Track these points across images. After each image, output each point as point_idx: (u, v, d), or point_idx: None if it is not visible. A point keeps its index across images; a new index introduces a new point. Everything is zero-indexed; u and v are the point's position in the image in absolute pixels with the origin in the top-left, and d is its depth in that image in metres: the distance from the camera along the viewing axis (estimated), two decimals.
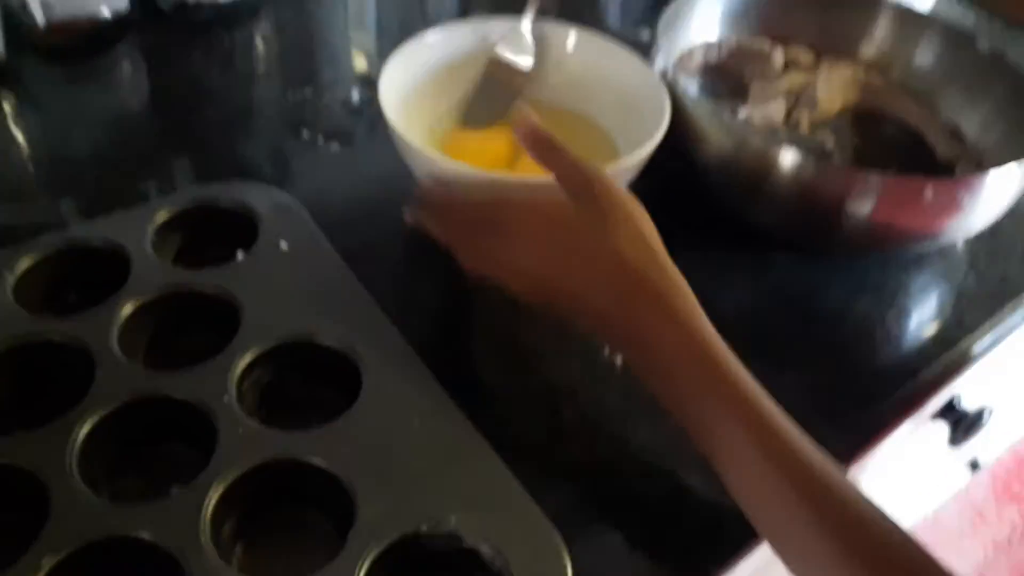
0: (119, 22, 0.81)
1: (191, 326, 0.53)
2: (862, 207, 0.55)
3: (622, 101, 0.63)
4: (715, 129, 0.58)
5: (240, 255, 0.55)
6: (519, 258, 0.46)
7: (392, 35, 0.86)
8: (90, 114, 0.72)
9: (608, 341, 0.51)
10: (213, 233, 0.58)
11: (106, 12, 0.80)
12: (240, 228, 0.57)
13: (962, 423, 0.70)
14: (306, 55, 0.82)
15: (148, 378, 0.48)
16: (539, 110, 0.52)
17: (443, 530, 0.42)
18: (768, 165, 0.56)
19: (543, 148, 0.48)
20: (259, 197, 0.59)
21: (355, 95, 0.77)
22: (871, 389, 0.55)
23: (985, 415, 0.72)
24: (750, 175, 0.57)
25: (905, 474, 0.83)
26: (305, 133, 0.71)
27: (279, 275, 0.54)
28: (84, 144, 0.68)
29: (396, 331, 0.51)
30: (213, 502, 0.42)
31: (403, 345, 0.50)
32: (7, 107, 0.72)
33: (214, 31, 0.83)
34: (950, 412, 0.68)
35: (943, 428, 0.71)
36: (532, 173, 0.51)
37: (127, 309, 0.50)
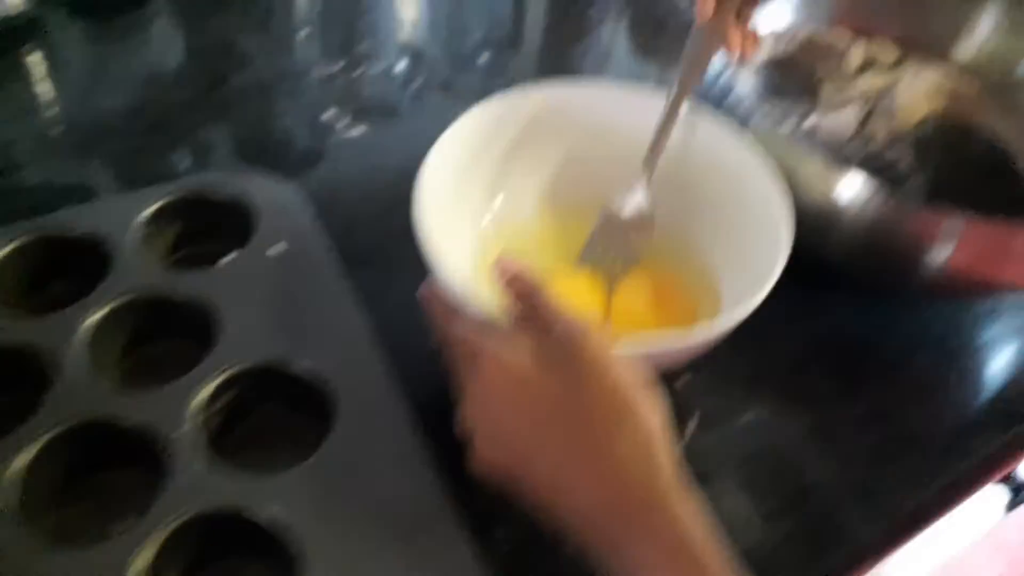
0: None
1: (170, 331, 0.49)
2: (938, 252, 0.48)
3: (735, 225, 0.51)
4: (772, 145, 0.51)
5: (230, 257, 0.51)
6: (483, 431, 0.38)
7: (442, 7, 0.81)
8: (114, 76, 0.69)
9: (581, 544, 0.37)
10: (210, 225, 0.54)
11: None
12: (238, 223, 0.53)
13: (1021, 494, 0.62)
14: (346, 22, 0.77)
15: (106, 398, 0.44)
16: None
17: None
18: (828, 194, 0.49)
19: (526, 288, 0.39)
20: (261, 190, 0.54)
21: (393, 69, 0.71)
22: (923, 467, 0.48)
23: None
24: (808, 204, 0.50)
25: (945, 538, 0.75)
26: (331, 113, 0.67)
27: (268, 283, 0.49)
28: (104, 109, 0.65)
29: (383, 365, 0.46)
30: (153, 550, 0.38)
31: (386, 382, 0.45)
32: (29, 63, 0.69)
33: None
34: (1009, 479, 0.61)
35: (1002, 493, 0.63)
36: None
37: (97, 316, 0.47)
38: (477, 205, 0.53)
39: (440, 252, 0.43)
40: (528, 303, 0.39)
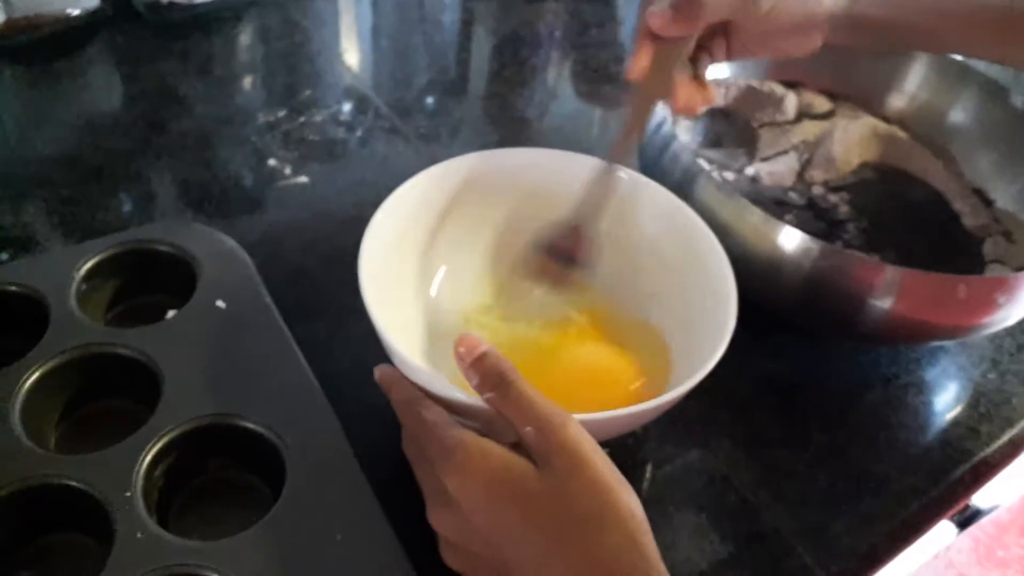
0: (89, 21, 0.76)
1: (111, 390, 0.48)
2: (878, 300, 0.49)
3: (676, 286, 0.50)
4: (712, 196, 0.52)
5: (170, 314, 0.49)
6: (455, 530, 0.37)
7: (387, 53, 0.81)
8: (51, 123, 0.67)
9: None
10: (150, 279, 0.53)
11: (75, 9, 0.75)
12: (179, 276, 0.52)
13: (971, 521, 0.64)
14: (289, 67, 0.76)
15: (47, 461, 0.42)
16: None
17: None
18: (769, 246, 0.50)
19: (496, 382, 0.37)
20: (201, 242, 0.53)
21: (339, 115, 0.71)
22: (874, 508, 0.49)
23: (996, 510, 0.65)
24: (751, 255, 0.50)
25: None
26: (275, 159, 0.66)
27: (211, 339, 0.48)
28: (40, 157, 0.64)
29: (334, 418, 0.45)
30: None
31: (338, 437, 0.44)
32: None
33: (192, 35, 0.77)
34: (959, 513, 0.62)
35: (949, 528, 0.65)
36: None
37: (35, 375, 0.45)
38: (422, 270, 0.52)
39: (390, 326, 0.42)
40: (498, 390, 0.37)
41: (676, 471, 0.50)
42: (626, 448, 0.50)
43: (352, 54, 0.81)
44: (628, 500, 0.35)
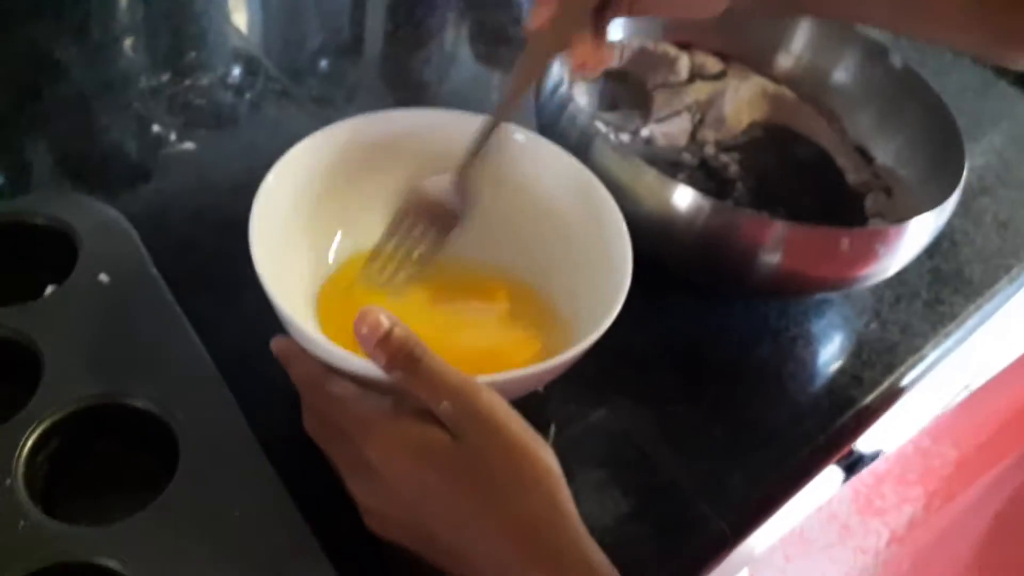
0: None
1: None
2: (765, 256, 0.50)
3: (572, 249, 0.51)
4: (608, 158, 0.52)
5: (49, 289, 0.47)
6: (379, 499, 0.37)
7: (278, 14, 0.78)
8: None
9: None
10: (27, 256, 0.50)
11: None
12: (58, 251, 0.49)
13: (856, 466, 0.67)
14: (173, 28, 0.73)
15: None
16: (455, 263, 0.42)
17: None
18: (662, 205, 0.50)
19: (404, 362, 0.37)
20: (81, 214, 0.50)
21: (227, 78, 0.68)
22: (766, 457, 0.51)
23: (880, 455, 0.69)
24: (644, 214, 0.51)
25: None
26: (160, 126, 0.63)
27: (94, 315, 0.46)
28: None
29: (228, 394, 0.44)
30: None
31: (233, 413, 0.43)
32: None
33: None
34: (844, 459, 0.65)
35: (836, 472, 0.68)
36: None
37: None
38: (318, 236, 0.51)
39: (286, 297, 0.41)
40: (407, 368, 0.37)
41: (578, 430, 0.51)
42: (529, 408, 0.50)
43: (240, 14, 0.78)
44: (544, 457, 0.37)
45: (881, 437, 0.66)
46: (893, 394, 0.56)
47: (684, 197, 0.50)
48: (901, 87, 0.64)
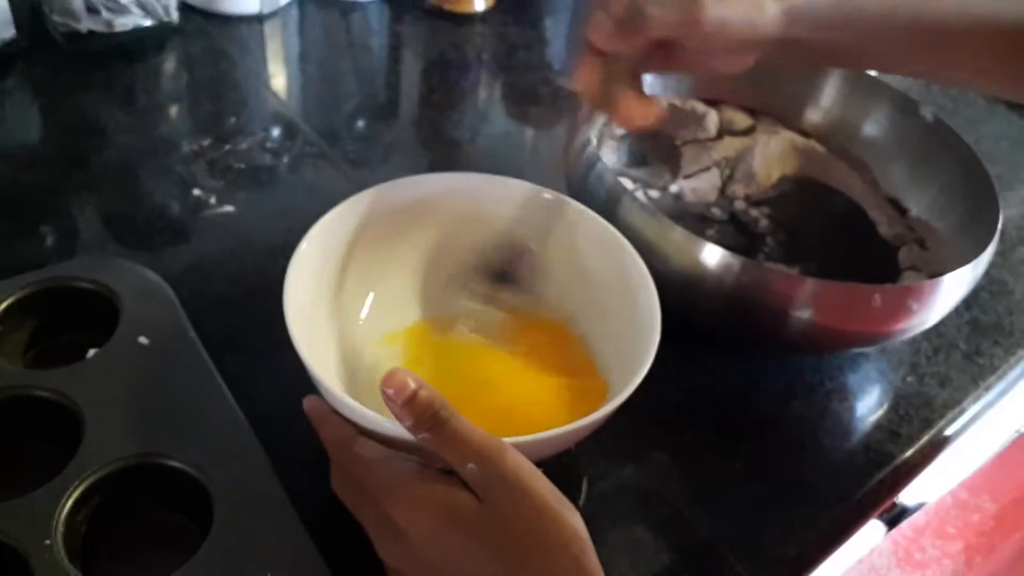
0: (4, 52, 0.74)
1: (30, 433, 0.46)
2: (796, 313, 0.50)
3: (602, 307, 0.51)
4: (635, 216, 0.52)
5: (91, 352, 0.48)
6: (405, 562, 0.37)
7: (315, 79, 0.80)
8: None
9: None
10: (70, 318, 0.52)
11: None
12: (99, 313, 0.51)
13: (898, 519, 0.66)
14: (214, 95, 0.75)
15: None
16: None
17: None
18: (690, 262, 0.51)
19: (430, 423, 0.37)
20: (123, 278, 0.52)
21: (266, 142, 0.70)
22: (803, 514, 0.50)
23: (922, 507, 0.67)
24: (673, 272, 0.51)
25: None
26: (201, 189, 0.65)
27: (133, 378, 0.47)
28: None
29: (262, 454, 0.45)
30: None
31: (266, 473, 0.44)
32: None
33: (114, 65, 0.76)
34: (887, 512, 0.64)
35: (878, 525, 0.66)
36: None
37: None
38: (351, 298, 0.52)
39: (318, 360, 0.42)
40: (432, 430, 0.37)
41: (610, 487, 0.50)
42: (560, 467, 0.50)
43: (279, 79, 0.81)
44: (570, 520, 0.36)
45: (924, 489, 0.65)
46: (933, 448, 0.55)
47: (713, 255, 0.50)
48: (933, 139, 0.64)
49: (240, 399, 0.47)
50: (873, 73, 0.67)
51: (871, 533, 0.66)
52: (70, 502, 0.41)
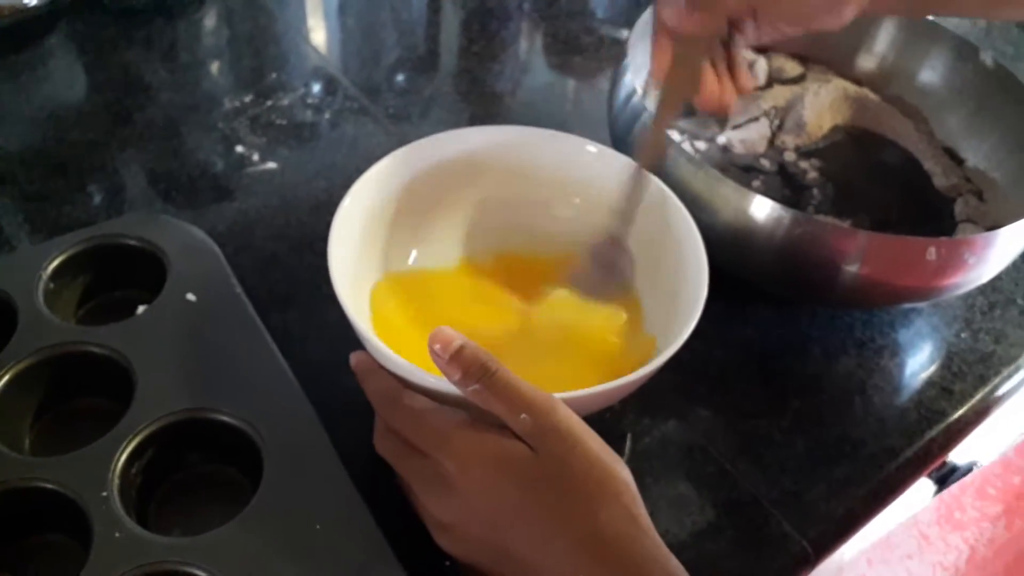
0: (49, 11, 0.74)
1: (84, 389, 0.47)
2: (847, 266, 0.49)
3: (649, 261, 0.51)
4: (683, 169, 0.51)
5: (140, 309, 0.49)
6: (455, 514, 0.37)
7: (354, 32, 0.80)
8: (11, 117, 0.66)
9: None
10: (120, 275, 0.52)
11: None
12: (147, 270, 0.51)
13: (949, 478, 0.65)
14: (255, 50, 0.75)
15: (22, 464, 0.42)
16: None
17: None
18: (740, 216, 0.49)
19: (479, 375, 0.37)
20: (169, 235, 0.52)
21: (307, 97, 0.70)
22: (851, 472, 0.49)
23: (974, 466, 0.66)
24: (722, 225, 0.50)
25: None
26: (244, 145, 0.65)
27: (182, 334, 0.48)
28: (2, 153, 0.62)
29: (309, 407, 0.45)
30: None
31: (314, 426, 0.44)
32: None
33: (155, 22, 0.76)
34: (936, 471, 0.63)
35: (927, 484, 0.65)
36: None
37: (4, 378, 0.45)
38: (395, 253, 0.52)
39: (362, 314, 0.42)
40: (482, 382, 0.37)
41: (654, 443, 0.50)
42: (604, 422, 0.50)
43: (318, 34, 0.80)
44: (621, 472, 0.37)
45: (975, 448, 0.63)
46: (986, 406, 0.54)
47: (762, 208, 0.49)
48: (993, 86, 0.61)
49: (286, 353, 0.48)
50: (930, 17, 0.65)
51: (920, 492, 0.66)
52: (124, 456, 0.42)
